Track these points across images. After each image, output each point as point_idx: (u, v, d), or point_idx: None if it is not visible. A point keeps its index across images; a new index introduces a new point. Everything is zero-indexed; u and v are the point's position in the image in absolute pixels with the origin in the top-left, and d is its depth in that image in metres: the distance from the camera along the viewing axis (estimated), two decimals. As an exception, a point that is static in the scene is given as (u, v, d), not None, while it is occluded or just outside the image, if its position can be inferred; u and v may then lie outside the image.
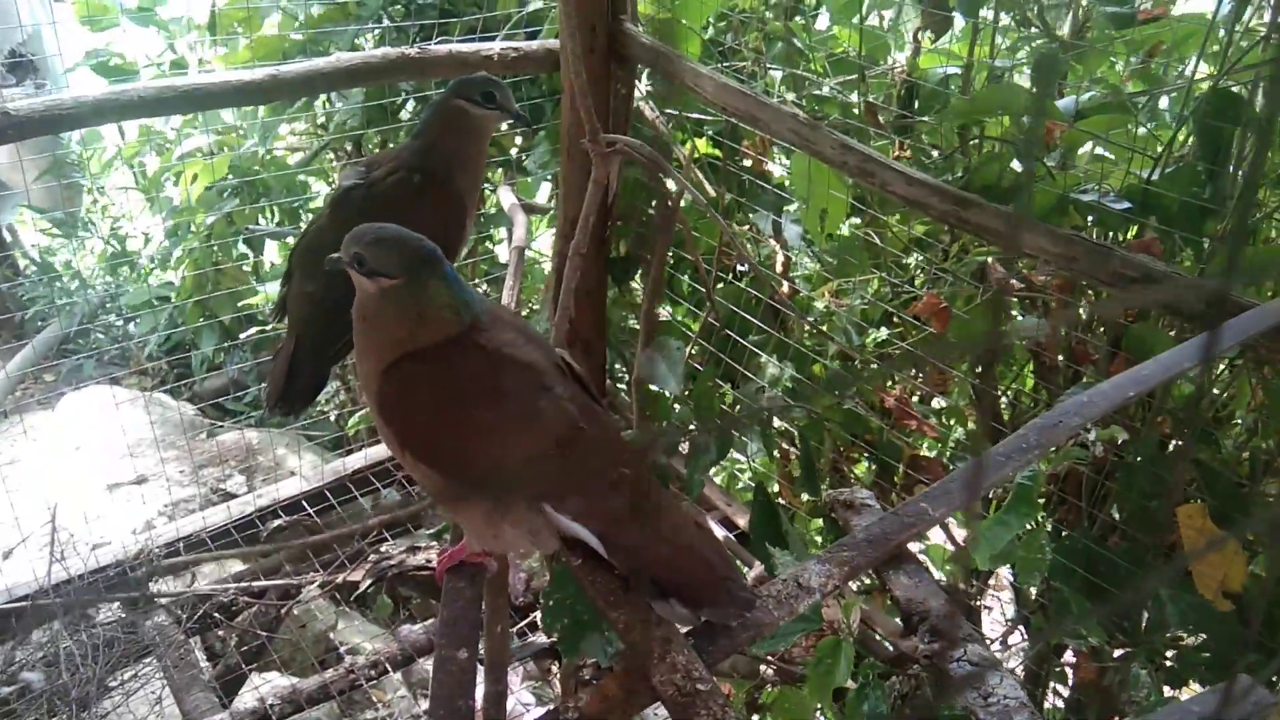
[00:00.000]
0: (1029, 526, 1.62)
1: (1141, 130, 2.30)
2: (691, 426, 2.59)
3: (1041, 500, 2.34)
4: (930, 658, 1.06)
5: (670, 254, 3.07)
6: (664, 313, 3.57)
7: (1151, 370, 1.52)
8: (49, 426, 4.31)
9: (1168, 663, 2.30)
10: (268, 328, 4.17)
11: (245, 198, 3.97)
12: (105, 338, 5.14)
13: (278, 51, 3.50)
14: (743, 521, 3.10)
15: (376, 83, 3.12)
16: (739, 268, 3.28)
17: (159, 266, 4.91)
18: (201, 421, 4.70)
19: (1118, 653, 2.30)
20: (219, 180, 3.85)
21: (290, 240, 4.33)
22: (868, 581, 2.25)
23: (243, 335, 4.30)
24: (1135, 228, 2.22)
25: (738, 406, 3.10)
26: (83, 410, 4.34)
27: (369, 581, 3.06)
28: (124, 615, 2.79)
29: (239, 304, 4.14)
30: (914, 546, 1.39)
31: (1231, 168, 2.06)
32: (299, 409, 1.86)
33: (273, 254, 4.64)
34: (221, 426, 4.64)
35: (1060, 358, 2.61)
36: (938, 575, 2.59)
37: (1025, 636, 2.89)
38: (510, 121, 1.85)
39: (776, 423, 2.99)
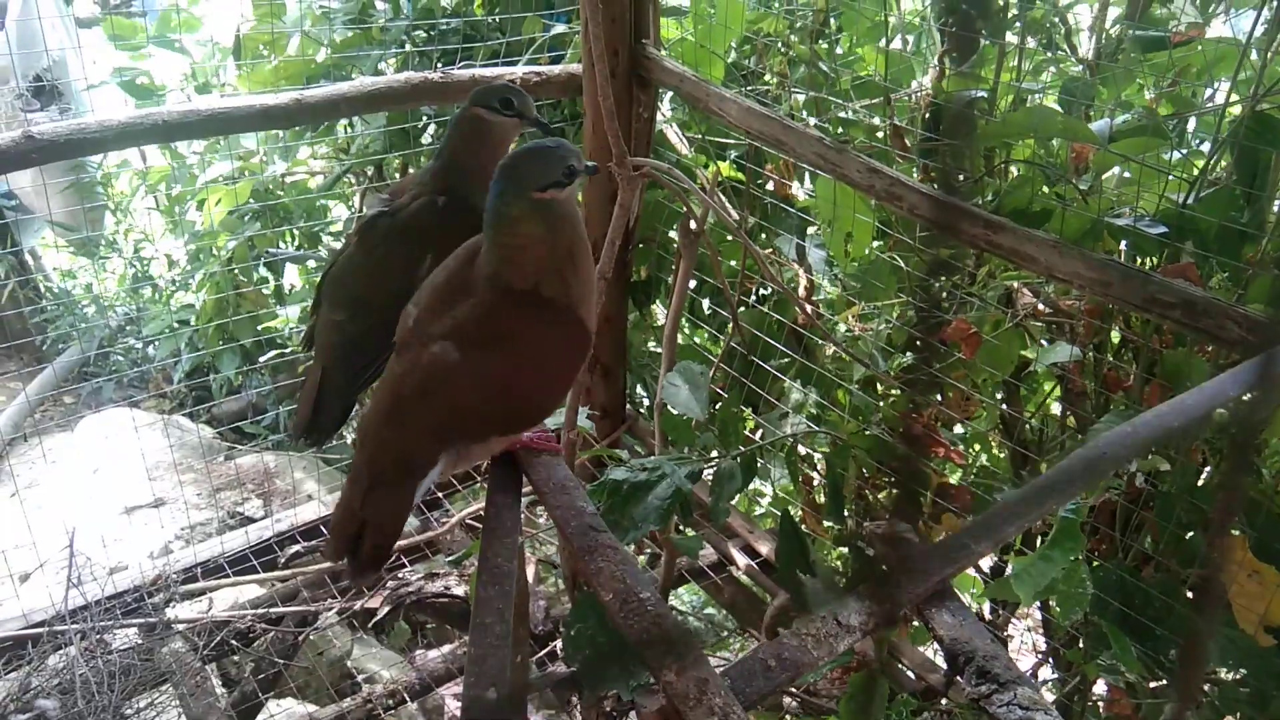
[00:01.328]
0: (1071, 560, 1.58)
1: (1173, 154, 2.27)
2: (715, 453, 2.56)
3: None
4: (978, 700, 1.02)
5: (691, 277, 3.05)
6: (682, 337, 3.55)
7: (1195, 400, 1.48)
8: (68, 449, 4.30)
9: (1206, 698, 2.24)
10: (286, 351, 4.17)
11: (266, 221, 3.98)
12: (125, 360, 5.15)
13: (302, 74, 3.51)
14: (765, 549, 3.06)
15: (399, 107, 3.12)
16: (761, 291, 3.26)
17: (180, 288, 4.93)
18: (220, 445, 4.69)
19: (1153, 685, 2.24)
20: (242, 205, 3.86)
21: (311, 264, 4.34)
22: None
23: (262, 359, 4.29)
24: (1166, 252, 2.18)
25: (760, 432, 3.06)
26: (102, 433, 4.34)
27: (387, 608, 3.03)
28: (140, 641, 2.76)
29: (259, 327, 4.14)
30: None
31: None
32: (326, 437, 1.83)
33: (293, 277, 4.65)
34: (239, 450, 4.63)
35: (1089, 384, 2.57)
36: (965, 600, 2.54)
37: (1055, 670, 2.83)
38: (531, 129, 1.81)
39: (800, 449, 2.95)
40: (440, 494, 3.48)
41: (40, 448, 4.27)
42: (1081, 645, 2.48)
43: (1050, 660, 2.90)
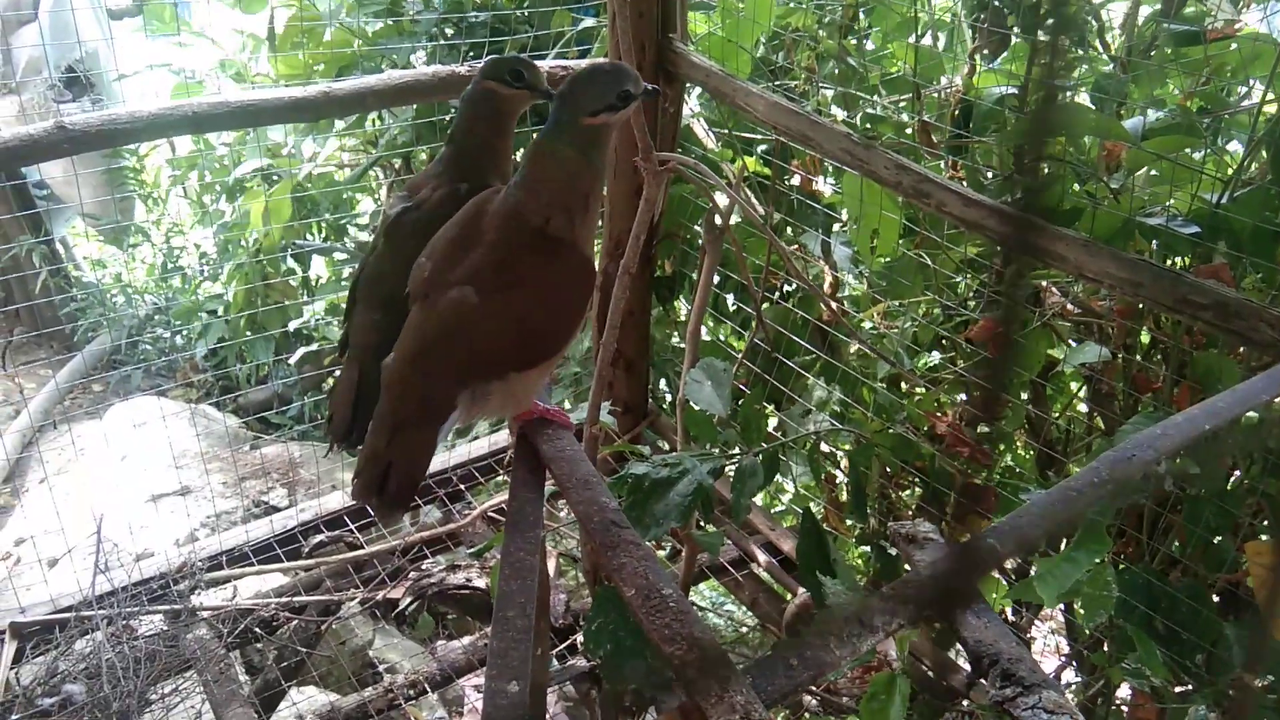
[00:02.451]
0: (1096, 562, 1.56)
1: (1203, 153, 2.23)
2: (737, 450, 2.55)
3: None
4: (1002, 703, 1.01)
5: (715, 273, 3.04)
6: (705, 332, 3.54)
7: (1227, 402, 1.46)
8: (96, 437, 4.35)
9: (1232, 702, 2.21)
10: (313, 345, 4.20)
11: (295, 213, 4.00)
12: (153, 349, 5.20)
13: (335, 63, 3.53)
14: (786, 546, 3.05)
15: (426, 100, 3.13)
16: (785, 287, 3.24)
17: (209, 279, 4.98)
18: (245, 434, 4.73)
19: (1178, 690, 2.22)
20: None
21: (338, 256, 4.37)
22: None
23: (294, 359, 4.33)
24: (1198, 253, 2.15)
25: (782, 429, 3.05)
26: (130, 421, 4.39)
27: (409, 599, 3.04)
28: (166, 628, 2.79)
29: (287, 319, 4.18)
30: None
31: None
32: (362, 441, 1.83)
33: (319, 268, 4.69)
34: (265, 439, 4.67)
35: (1119, 385, 2.54)
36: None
37: (1078, 673, 2.81)
38: (540, 102, 1.80)
39: (823, 446, 2.94)
40: (463, 486, 3.50)
41: (70, 435, 4.32)
42: (1106, 649, 2.46)
43: (1074, 663, 2.88)
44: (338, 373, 1.84)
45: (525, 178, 1.45)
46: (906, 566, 2.22)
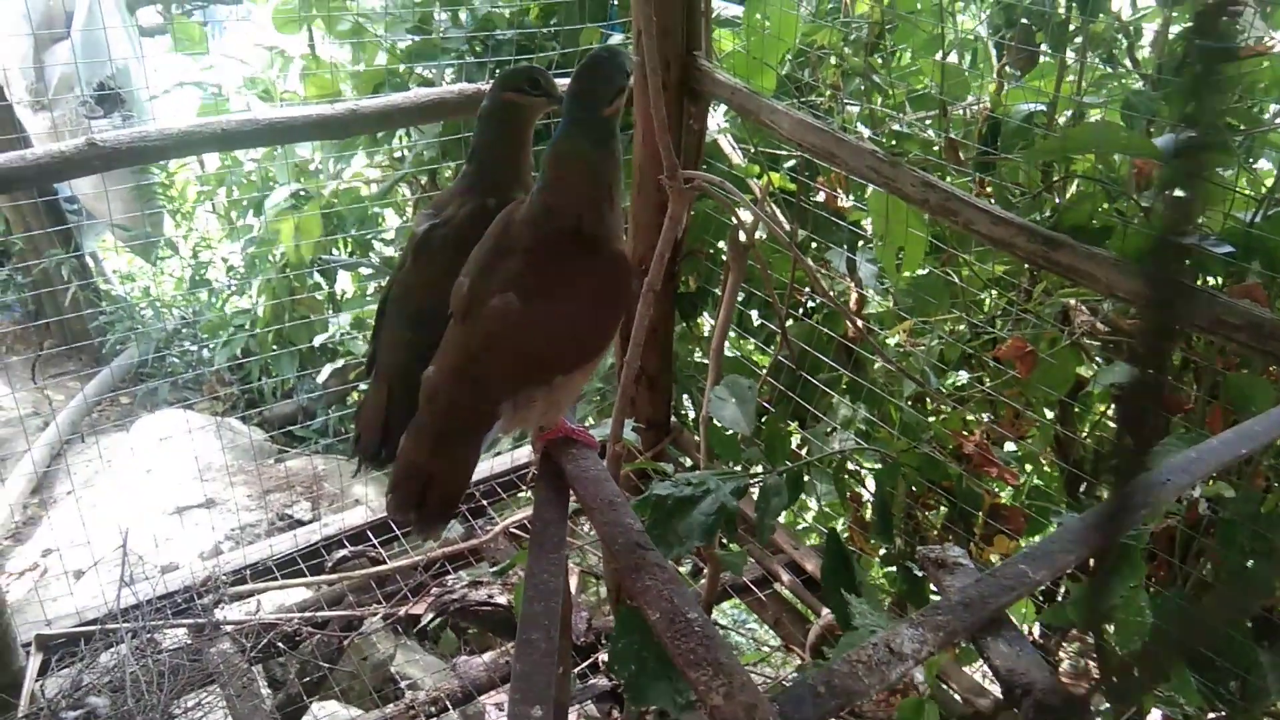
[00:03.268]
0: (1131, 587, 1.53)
1: (1235, 171, 2.20)
2: (760, 468, 2.53)
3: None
4: (1035, 736, 0.99)
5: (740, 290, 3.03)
6: (728, 349, 3.52)
7: (1263, 426, 1.43)
8: (123, 449, 4.39)
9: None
10: (339, 362, 4.22)
11: (321, 230, 4.04)
12: (180, 363, 5.25)
13: (370, 81, 3.55)
14: (810, 566, 3.02)
15: (452, 117, 3.15)
16: (809, 304, 3.23)
17: (237, 293, 5.02)
18: (270, 447, 4.76)
19: (1211, 717, 2.17)
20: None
21: (363, 271, 4.39)
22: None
23: (320, 378, 4.35)
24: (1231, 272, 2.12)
25: (807, 448, 3.03)
26: (156, 434, 4.42)
27: (431, 615, 3.04)
28: (189, 642, 2.80)
29: (313, 334, 4.21)
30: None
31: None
32: (392, 459, 1.82)
33: (345, 283, 4.72)
34: (289, 453, 4.69)
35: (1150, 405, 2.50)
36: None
37: (1108, 698, 2.76)
38: (555, 107, 1.80)
39: (848, 465, 2.92)
40: (485, 502, 3.49)
41: (97, 447, 4.36)
42: (1137, 673, 2.42)
43: (1103, 688, 2.83)
44: (363, 386, 1.84)
45: (548, 181, 1.46)
46: (934, 590, 2.19)
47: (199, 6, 6.15)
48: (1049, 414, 2.74)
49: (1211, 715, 2.15)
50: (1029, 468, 2.90)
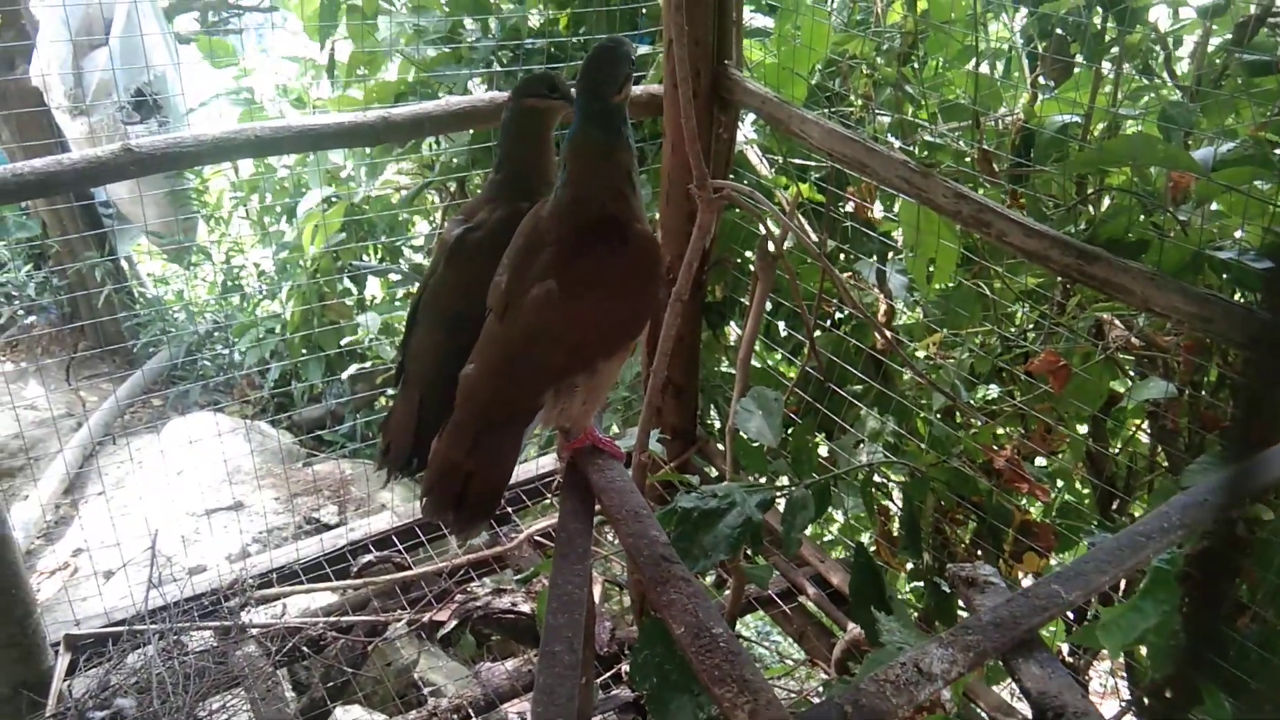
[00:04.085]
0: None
1: (1275, 185, 2.16)
2: (785, 480, 2.52)
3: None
4: (1067, 761, 0.96)
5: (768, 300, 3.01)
6: (756, 359, 3.50)
7: (1305, 446, 1.40)
8: (154, 451, 4.44)
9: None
10: (367, 363, 4.24)
11: (351, 235, 4.06)
12: (211, 366, 5.30)
13: (391, 94, 3.58)
14: (836, 579, 3.00)
15: (483, 126, 3.16)
16: (837, 315, 3.20)
17: (269, 297, 5.06)
18: (299, 451, 4.79)
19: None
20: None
21: (393, 276, 4.41)
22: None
23: (345, 374, 4.38)
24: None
25: (834, 460, 3.01)
26: (186, 436, 4.47)
27: (454, 621, 3.04)
28: (215, 644, 2.82)
29: (342, 339, 4.23)
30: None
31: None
32: (424, 468, 1.82)
33: (374, 288, 4.75)
34: (317, 456, 4.72)
35: (1184, 422, 2.46)
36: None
37: None
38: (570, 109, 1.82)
39: (875, 478, 2.89)
40: (510, 509, 3.50)
41: (128, 449, 4.41)
42: (1169, 694, 2.37)
43: (1134, 709, 2.78)
44: (390, 391, 1.83)
45: (570, 175, 1.49)
46: (962, 607, 2.16)
47: (234, 14, 6.23)
48: (1081, 429, 2.70)
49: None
50: (1060, 483, 2.86)
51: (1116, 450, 2.74)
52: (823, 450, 3.07)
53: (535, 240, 1.50)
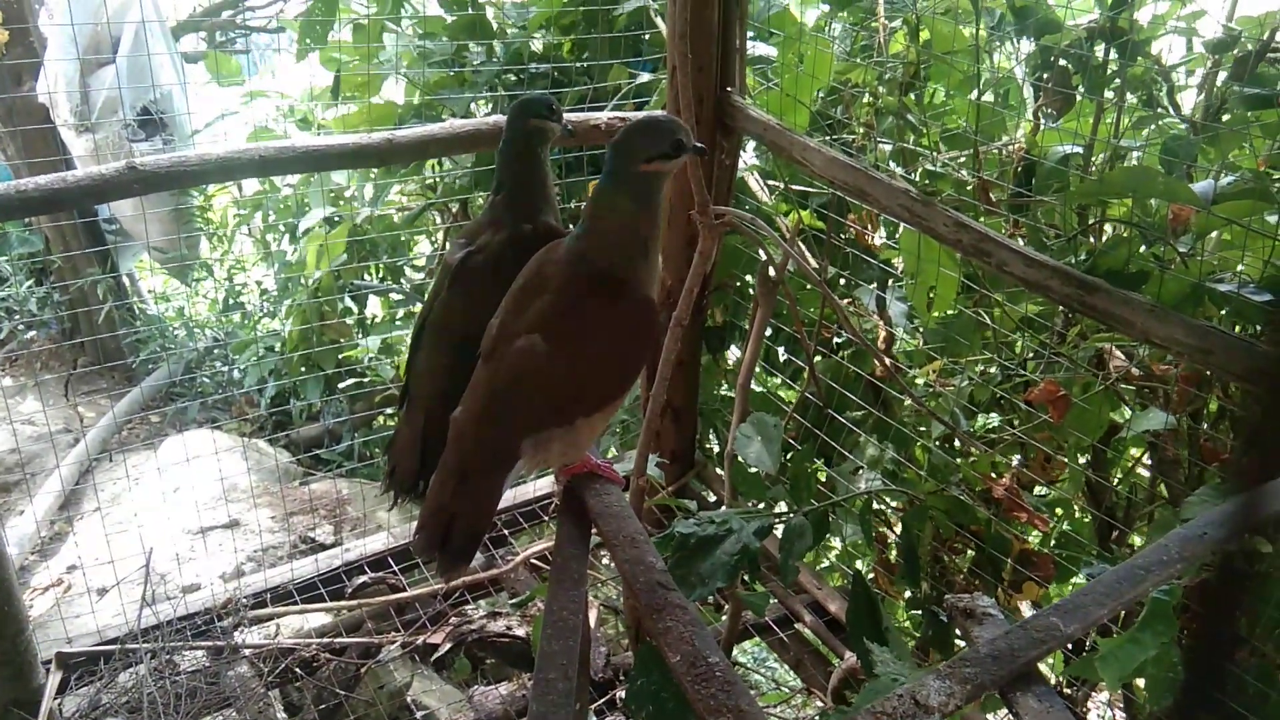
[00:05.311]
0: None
1: (1276, 218, 2.17)
2: (783, 506, 2.50)
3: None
4: (1065, 798, 0.95)
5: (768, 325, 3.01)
6: (754, 384, 3.50)
7: (1305, 480, 1.39)
8: (150, 468, 4.42)
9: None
10: (365, 380, 4.23)
11: (353, 255, 4.07)
12: (210, 384, 5.29)
13: (393, 117, 3.60)
14: (833, 607, 2.98)
15: (486, 149, 3.17)
16: (836, 341, 3.21)
17: (269, 315, 5.06)
18: (296, 470, 4.77)
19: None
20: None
21: (394, 296, 4.42)
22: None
23: (341, 385, 4.37)
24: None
25: (832, 486, 3.00)
26: (183, 453, 4.45)
27: (449, 645, 3.02)
28: (208, 664, 2.80)
29: (340, 357, 4.23)
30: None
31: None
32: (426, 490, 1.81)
33: (375, 308, 4.75)
34: (314, 475, 4.70)
35: (1183, 453, 2.45)
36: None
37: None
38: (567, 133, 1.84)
39: (874, 506, 2.88)
40: (506, 532, 3.48)
41: (124, 465, 4.39)
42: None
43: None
44: (389, 411, 1.83)
45: (587, 227, 1.48)
46: (959, 636, 2.14)
47: (241, 35, 6.28)
48: (1081, 459, 2.70)
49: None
50: (1059, 513, 2.85)
51: (1116, 480, 2.73)
52: (821, 477, 3.06)
53: (536, 284, 1.50)
